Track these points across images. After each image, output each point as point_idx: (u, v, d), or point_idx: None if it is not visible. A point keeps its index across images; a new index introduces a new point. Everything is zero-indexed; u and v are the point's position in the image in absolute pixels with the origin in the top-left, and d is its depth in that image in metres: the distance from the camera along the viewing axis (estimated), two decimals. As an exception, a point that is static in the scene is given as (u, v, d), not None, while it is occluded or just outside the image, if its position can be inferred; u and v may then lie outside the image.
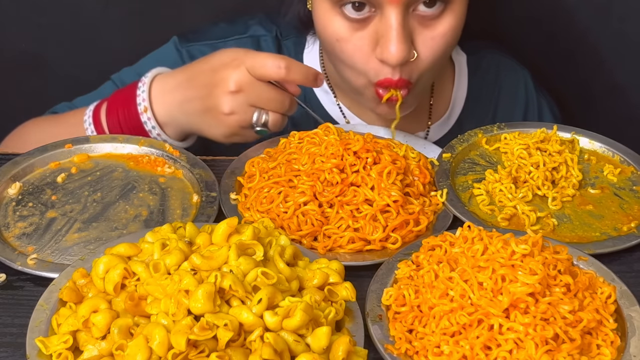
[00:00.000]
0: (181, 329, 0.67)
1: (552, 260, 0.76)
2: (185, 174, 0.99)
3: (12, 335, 0.77)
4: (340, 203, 0.90)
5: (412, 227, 0.90)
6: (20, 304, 0.80)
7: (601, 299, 0.78)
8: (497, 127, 1.08)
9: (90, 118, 1.09)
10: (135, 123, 1.06)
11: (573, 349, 0.72)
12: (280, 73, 0.99)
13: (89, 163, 1.00)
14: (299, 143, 0.97)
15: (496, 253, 0.76)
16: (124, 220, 0.91)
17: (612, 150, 1.05)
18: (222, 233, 0.76)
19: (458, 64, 1.30)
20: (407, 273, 0.81)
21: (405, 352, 0.74)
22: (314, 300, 0.73)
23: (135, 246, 0.78)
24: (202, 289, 0.68)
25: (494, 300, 0.73)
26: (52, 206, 0.93)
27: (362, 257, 0.87)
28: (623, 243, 0.89)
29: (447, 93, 1.29)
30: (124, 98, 1.07)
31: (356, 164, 0.91)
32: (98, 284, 0.74)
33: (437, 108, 1.28)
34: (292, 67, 0.99)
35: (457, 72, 1.30)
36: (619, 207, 0.96)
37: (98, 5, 1.44)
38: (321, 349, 0.69)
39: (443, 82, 1.29)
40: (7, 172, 0.95)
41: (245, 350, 0.68)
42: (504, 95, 1.32)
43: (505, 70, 1.33)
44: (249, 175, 0.97)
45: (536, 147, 1.01)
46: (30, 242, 0.87)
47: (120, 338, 0.69)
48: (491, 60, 1.33)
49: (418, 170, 0.96)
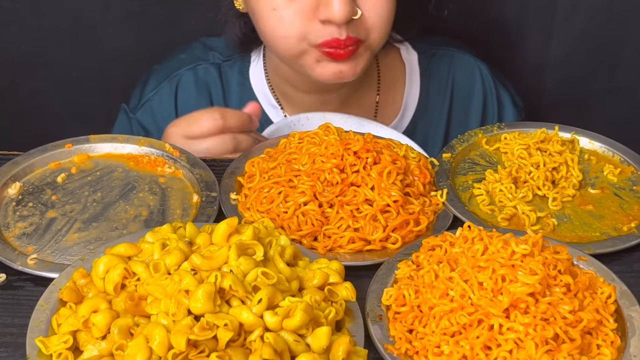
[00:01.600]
0: (181, 329, 0.67)
1: (552, 260, 0.76)
2: (185, 174, 0.99)
3: (12, 335, 0.77)
4: (340, 203, 0.89)
5: (412, 227, 0.90)
6: (20, 304, 0.80)
7: (601, 299, 0.78)
8: (497, 127, 1.08)
9: None
10: None
11: (573, 349, 0.72)
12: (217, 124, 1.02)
13: (89, 163, 1.00)
14: (299, 143, 0.97)
15: (496, 253, 0.76)
16: (124, 220, 0.91)
17: (612, 150, 1.05)
18: (222, 233, 0.76)
19: (409, 63, 1.30)
20: (407, 273, 0.81)
21: (405, 352, 0.74)
22: (314, 300, 0.73)
23: (135, 246, 0.78)
24: (202, 289, 0.68)
25: (494, 300, 0.73)
26: (52, 206, 0.93)
27: (362, 257, 0.87)
28: (623, 243, 0.89)
29: (399, 94, 1.29)
30: None
31: (356, 164, 0.91)
32: (98, 284, 0.74)
33: (388, 109, 1.28)
34: (226, 116, 1.03)
35: (409, 71, 1.30)
36: (619, 207, 0.96)
37: (98, 6, 1.44)
38: (321, 349, 0.69)
39: (393, 82, 1.29)
40: (7, 172, 0.95)
41: (245, 350, 0.68)
42: (458, 90, 1.32)
43: (458, 64, 1.33)
44: (249, 175, 0.97)
45: (536, 147, 1.01)
46: (30, 242, 0.87)
47: (120, 338, 0.69)
48: (443, 56, 1.33)
49: (418, 170, 0.96)
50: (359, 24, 1.07)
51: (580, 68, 1.48)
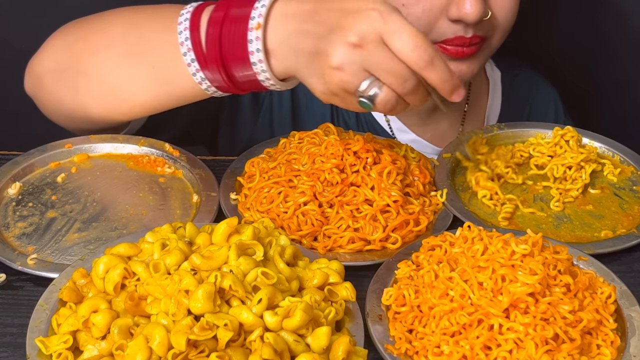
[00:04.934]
0: (181, 329, 0.67)
1: (552, 260, 0.76)
2: (185, 174, 0.99)
3: (12, 335, 0.77)
4: (340, 203, 0.90)
5: (412, 227, 0.90)
6: (20, 304, 0.80)
7: (601, 299, 0.78)
8: (497, 127, 1.08)
9: (188, 21, 0.89)
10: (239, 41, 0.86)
11: (573, 349, 0.72)
12: (419, 64, 0.80)
13: (89, 163, 1.00)
14: (299, 143, 0.97)
15: (496, 253, 0.76)
16: (124, 220, 0.91)
17: (612, 150, 1.05)
18: (222, 233, 0.76)
19: (492, 80, 1.31)
20: (407, 273, 0.81)
21: (405, 352, 0.74)
22: (314, 300, 0.73)
23: (135, 246, 0.78)
24: (202, 289, 0.68)
25: (494, 300, 0.73)
26: (52, 206, 0.93)
27: (362, 257, 0.87)
28: (623, 243, 0.89)
29: (482, 108, 1.29)
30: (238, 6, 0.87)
31: (356, 164, 0.91)
32: (98, 284, 0.74)
33: (473, 121, 1.28)
34: (435, 65, 0.80)
35: (492, 88, 1.30)
36: (619, 207, 0.96)
37: (98, 5, 1.44)
38: (321, 349, 0.69)
39: (479, 95, 1.29)
40: (7, 172, 0.95)
41: (245, 350, 0.68)
42: (534, 114, 1.33)
43: (537, 89, 1.34)
44: (249, 175, 0.97)
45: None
46: (30, 242, 0.87)
47: (120, 338, 0.69)
48: (525, 78, 1.34)
49: (418, 170, 0.96)
50: (485, 23, 1.04)
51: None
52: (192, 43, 0.87)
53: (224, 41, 0.86)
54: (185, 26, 0.88)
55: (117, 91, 0.95)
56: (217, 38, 0.86)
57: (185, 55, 0.88)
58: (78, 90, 0.96)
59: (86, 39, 0.97)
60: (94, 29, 0.97)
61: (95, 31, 0.97)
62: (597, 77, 1.49)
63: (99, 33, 0.96)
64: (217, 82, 0.89)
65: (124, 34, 0.94)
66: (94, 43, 0.96)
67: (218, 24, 0.86)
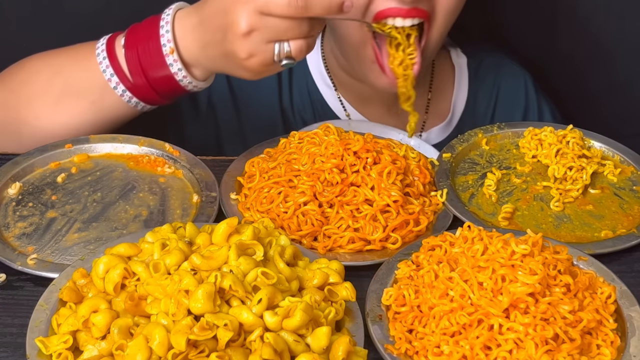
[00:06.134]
0: (181, 329, 0.67)
1: (552, 260, 0.76)
2: (185, 174, 0.99)
3: (12, 335, 0.77)
4: (340, 203, 0.89)
5: (412, 227, 0.90)
6: (20, 304, 0.80)
7: (601, 299, 0.78)
8: (497, 127, 1.08)
9: (104, 52, 1.00)
10: (157, 60, 0.98)
11: (573, 349, 0.72)
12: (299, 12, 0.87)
13: (89, 163, 1.00)
14: (299, 143, 0.97)
15: (496, 253, 0.76)
16: (124, 220, 0.91)
17: (612, 150, 1.05)
18: (222, 233, 0.76)
19: (458, 66, 1.30)
20: (407, 273, 0.81)
21: (405, 352, 0.74)
22: (314, 300, 0.73)
23: (135, 246, 0.78)
24: (202, 289, 0.68)
25: (494, 300, 0.73)
26: (52, 206, 0.93)
27: (362, 257, 0.87)
28: (623, 243, 0.89)
29: (448, 96, 1.29)
30: (145, 35, 0.98)
31: (356, 164, 0.91)
32: (98, 284, 0.74)
33: (437, 110, 1.28)
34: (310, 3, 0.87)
35: (458, 74, 1.30)
36: (619, 207, 0.96)
37: (99, 5, 1.44)
38: (321, 349, 0.69)
39: (444, 84, 1.29)
40: (7, 172, 0.95)
41: (245, 350, 0.68)
42: (502, 98, 1.32)
43: (505, 72, 1.33)
44: (249, 175, 0.97)
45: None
46: (30, 242, 0.87)
47: (120, 338, 0.69)
48: (491, 62, 1.33)
49: (418, 170, 0.96)
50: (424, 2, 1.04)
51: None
52: (119, 78, 0.99)
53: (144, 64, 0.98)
54: (107, 64, 0.99)
55: (61, 130, 1.02)
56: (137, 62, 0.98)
57: (116, 89, 0.99)
58: (22, 140, 1.03)
59: (15, 91, 1.04)
60: (21, 81, 1.05)
61: (22, 83, 1.04)
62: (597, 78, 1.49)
63: (27, 84, 1.04)
64: (150, 100, 1.01)
65: (50, 80, 1.01)
66: (25, 94, 1.03)
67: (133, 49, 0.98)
